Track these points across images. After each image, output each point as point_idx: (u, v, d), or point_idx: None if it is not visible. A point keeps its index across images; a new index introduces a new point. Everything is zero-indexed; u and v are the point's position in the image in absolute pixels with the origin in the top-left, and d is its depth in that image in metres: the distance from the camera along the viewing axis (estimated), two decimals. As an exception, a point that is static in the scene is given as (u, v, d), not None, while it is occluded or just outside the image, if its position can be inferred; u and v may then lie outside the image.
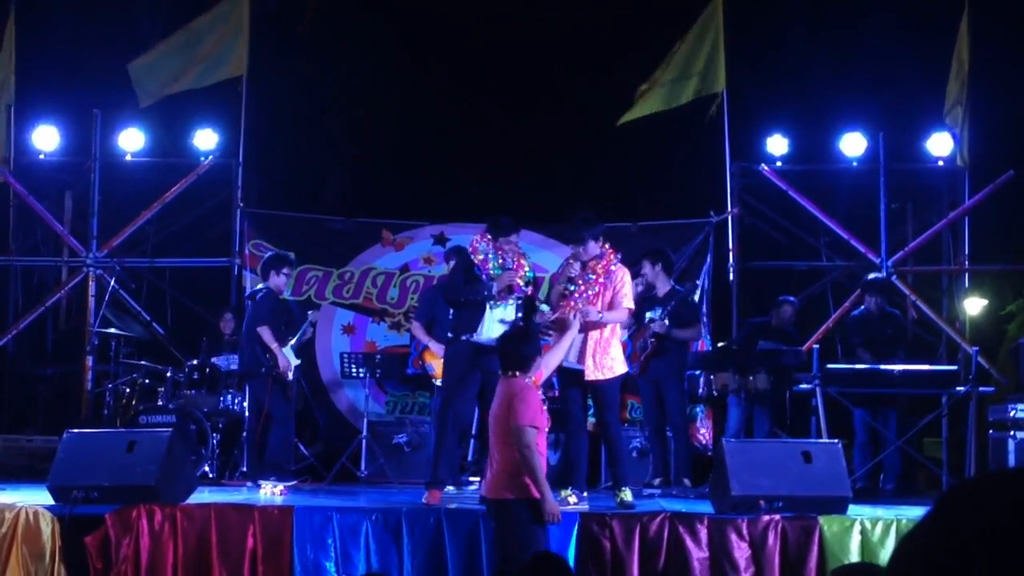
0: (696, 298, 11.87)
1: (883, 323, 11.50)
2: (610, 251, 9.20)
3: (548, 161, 15.34)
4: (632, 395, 12.03)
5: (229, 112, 13.83)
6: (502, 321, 9.05)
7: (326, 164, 16.08)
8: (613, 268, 9.10)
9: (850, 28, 14.89)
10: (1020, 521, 1.36)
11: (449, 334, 9.52)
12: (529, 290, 9.41)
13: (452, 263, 10.57)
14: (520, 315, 9.24)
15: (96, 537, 7.76)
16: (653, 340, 10.47)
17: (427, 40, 15.97)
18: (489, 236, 9.41)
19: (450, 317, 9.72)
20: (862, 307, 11.97)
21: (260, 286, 11.44)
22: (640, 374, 10.58)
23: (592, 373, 8.97)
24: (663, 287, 10.84)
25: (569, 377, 9.10)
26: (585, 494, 9.10)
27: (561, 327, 8.81)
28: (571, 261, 9.13)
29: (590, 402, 9.30)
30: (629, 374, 9.73)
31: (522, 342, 6.93)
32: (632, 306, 9.27)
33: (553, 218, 13.55)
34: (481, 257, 9.32)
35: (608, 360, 9.02)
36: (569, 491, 8.91)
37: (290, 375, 10.91)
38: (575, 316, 8.70)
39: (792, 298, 12.26)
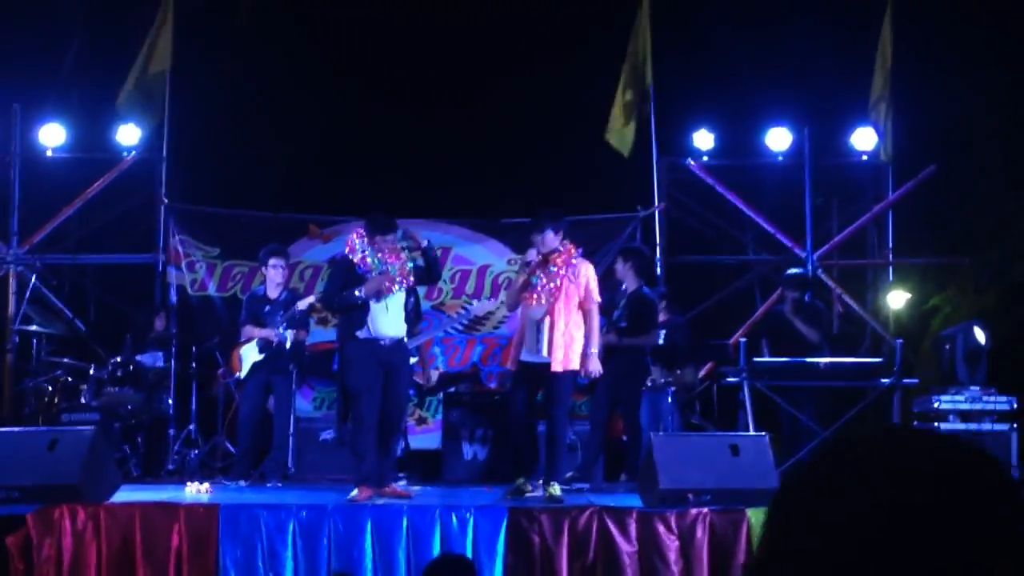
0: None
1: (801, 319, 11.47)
2: (570, 245, 9.26)
3: (476, 156, 15.30)
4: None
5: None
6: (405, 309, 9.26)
7: (252, 160, 15.92)
8: (574, 262, 9.18)
9: (775, 23, 14.96)
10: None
11: (339, 335, 9.45)
12: (411, 280, 9.42)
13: (330, 271, 10.51)
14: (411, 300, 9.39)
15: (17, 538, 7.62)
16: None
17: (354, 36, 15.87)
18: (366, 234, 9.38)
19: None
20: (782, 304, 11.96)
21: None
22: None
23: (556, 364, 9.02)
24: (631, 285, 10.86)
25: (529, 371, 9.17)
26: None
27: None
28: (530, 250, 9.23)
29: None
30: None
31: None
32: (599, 299, 9.36)
33: (480, 212, 13.56)
34: (360, 255, 9.28)
35: (571, 353, 9.09)
36: (523, 480, 9.15)
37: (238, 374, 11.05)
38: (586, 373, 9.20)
39: (658, 289, 12.12)
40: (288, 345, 10.95)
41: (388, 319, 9.15)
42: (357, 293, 9.10)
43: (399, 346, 9.28)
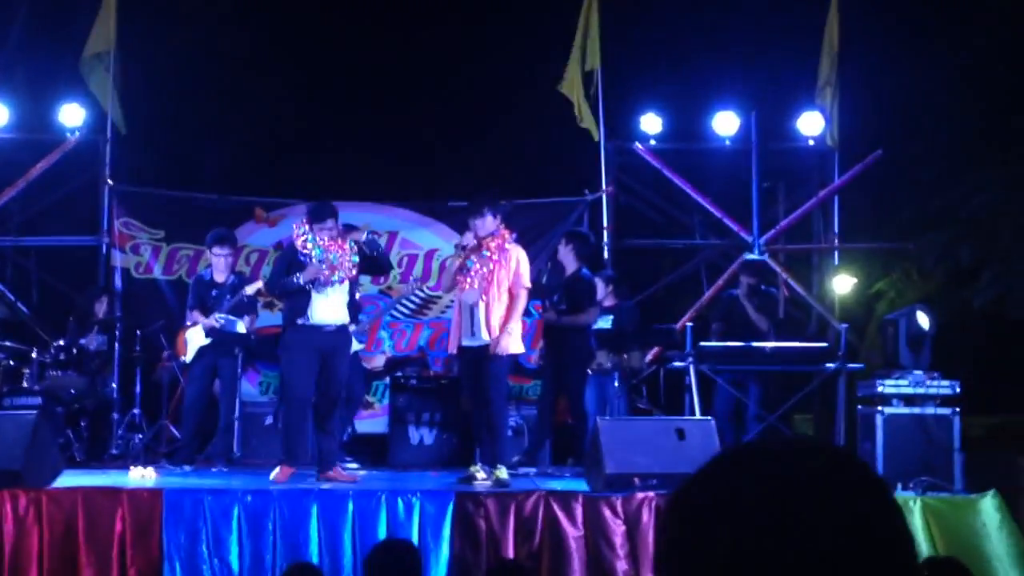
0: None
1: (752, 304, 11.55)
2: (504, 230, 9.26)
3: (423, 139, 15.27)
4: (519, 377, 12.09)
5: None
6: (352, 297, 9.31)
7: (199, 142, 15.78)
8: (507, 247, 9.20)
9: (723, 6, 15.00)
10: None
11: (283, 321, 9.53)
12: (354, 273, 9.43)
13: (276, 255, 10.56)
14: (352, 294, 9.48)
15: (-43, 523, 7.55)
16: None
17: (301, 19, 15.79)
18: (306, 222, 9.41)
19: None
20: (736, 289, 12.01)
21: None
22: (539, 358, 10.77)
23: (493, 346, 9.07)
24: (570, 268, 10.86)
25: (470, 354, 9.19)
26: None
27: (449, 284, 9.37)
28: (467, 233, 9.26)
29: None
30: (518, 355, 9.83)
31: None
32: (529, 285, 9.37)
33: (428, 196, 13.51)
34: (302, 241, 9.30)
35: (507, 337, 9.10)
36: (478, 467, 9.17)
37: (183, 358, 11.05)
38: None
39: (604, 272, 12.13)
40: (236, 331, 10.93)
41: (329, 306, 9.22)
42: (296, 279, 9.14)
43: (340, 331, 9.32)
